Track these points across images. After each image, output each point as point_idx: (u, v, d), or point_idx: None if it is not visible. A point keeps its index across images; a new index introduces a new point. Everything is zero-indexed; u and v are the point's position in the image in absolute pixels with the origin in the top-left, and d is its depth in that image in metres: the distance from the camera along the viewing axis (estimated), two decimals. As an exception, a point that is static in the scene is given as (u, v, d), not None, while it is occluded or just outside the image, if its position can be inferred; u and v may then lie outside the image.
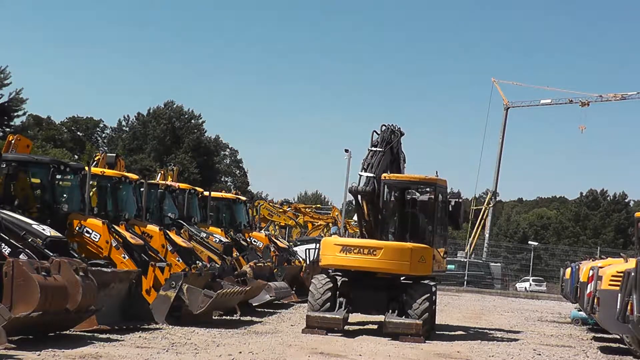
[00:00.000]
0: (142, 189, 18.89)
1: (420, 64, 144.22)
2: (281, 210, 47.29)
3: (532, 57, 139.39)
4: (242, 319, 17.62)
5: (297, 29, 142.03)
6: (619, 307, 12.59)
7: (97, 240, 16.11)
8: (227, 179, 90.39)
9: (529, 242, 63.18)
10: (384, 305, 16.31)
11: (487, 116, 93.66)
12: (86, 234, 16.16)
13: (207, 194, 23.75)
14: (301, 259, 27.31)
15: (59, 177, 16.67)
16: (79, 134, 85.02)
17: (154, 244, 17.46)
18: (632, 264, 12.94)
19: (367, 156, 17.24)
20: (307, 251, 26.47)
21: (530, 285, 54.48)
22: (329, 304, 16.15)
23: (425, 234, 17.19)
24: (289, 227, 46.60)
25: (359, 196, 16.69)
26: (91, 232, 16.16)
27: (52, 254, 12.68)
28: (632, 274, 12.31)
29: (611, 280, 13.76)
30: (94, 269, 13.26)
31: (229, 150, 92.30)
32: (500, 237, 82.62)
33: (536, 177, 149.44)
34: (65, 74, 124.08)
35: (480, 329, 19.58)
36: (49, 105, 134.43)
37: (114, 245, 16.08)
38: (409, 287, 16.22)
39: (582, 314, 21.26)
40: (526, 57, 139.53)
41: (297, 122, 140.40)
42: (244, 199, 28.46)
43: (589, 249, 54.29)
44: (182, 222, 21.00)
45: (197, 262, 17.93)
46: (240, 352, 12.32)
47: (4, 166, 15.45)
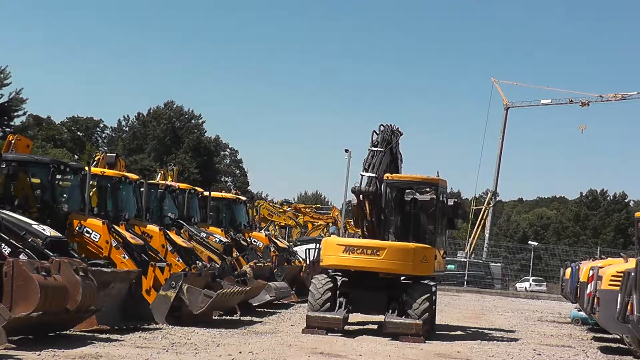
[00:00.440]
0: (142, 189, 18.90)
1: (420, 64, 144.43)
2: (281, 210, 47.32)
3: (532, 57, 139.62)
4: (242, 319, 17.62)
5: (297, 29, 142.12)
6: (619, 307, 12.61)
7: (97, 240, 16.12)
8: (227, 179, 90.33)
9: (529, 242, 63.28)
10: (384, 305, 16.30)
11: (487, 116, 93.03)
12: (86, 234, 16.17)
13: (207, 194, 23.74)
14: (301, 259, 27.32)
15: (59, 177, 16.67)
16: (79, 134, 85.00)
17: (154, 244, 17.48)
18: (632, 264, 12.97)
19: (367, 156, 17.23)
20: (307, 251, 26.50)
21: (530, 285, 54.52)
22: (329, 304, 16.14)
23: (426, 234, 17.24)
24: (289, 227, 46.61)
25: (361, 196, 16.70)
26: (91, 232, 16.17)
27: (52, 254, 12.66)
28: (632, 274, 12.32)
29: (611, 280, 13.77)
30: (94, 269, 13.23)
31: (229, 150, 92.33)
32: (500, 237, 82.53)
33: (536, 177, 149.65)
34: (65, 74, 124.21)
35: (480, 329, 19.57)
36: (49, 105, 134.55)
37: (114, 245, 16.09)
38: (409, 287, 16.22)
39: (582, 314, 21.26)
40: (526, 57, 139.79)
41: (297, 122, 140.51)
42: (244, 199, 28.45)
43: (589, 249, 54.33)
44: (182, 222, 21.01)
45: (197, 262, 17.95)
46: (240, 352, 12.31)
47: (4, 166, 15.43)
